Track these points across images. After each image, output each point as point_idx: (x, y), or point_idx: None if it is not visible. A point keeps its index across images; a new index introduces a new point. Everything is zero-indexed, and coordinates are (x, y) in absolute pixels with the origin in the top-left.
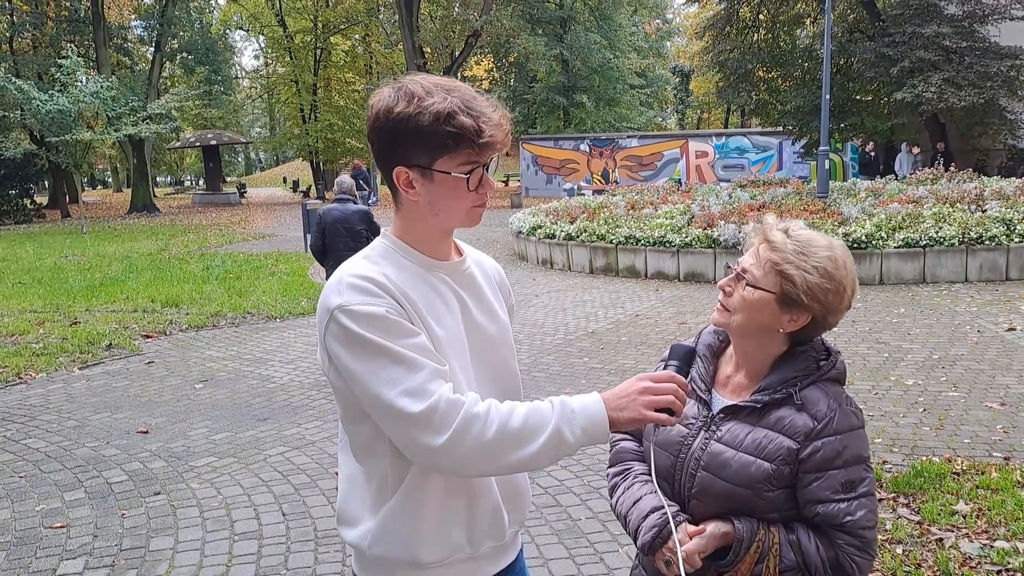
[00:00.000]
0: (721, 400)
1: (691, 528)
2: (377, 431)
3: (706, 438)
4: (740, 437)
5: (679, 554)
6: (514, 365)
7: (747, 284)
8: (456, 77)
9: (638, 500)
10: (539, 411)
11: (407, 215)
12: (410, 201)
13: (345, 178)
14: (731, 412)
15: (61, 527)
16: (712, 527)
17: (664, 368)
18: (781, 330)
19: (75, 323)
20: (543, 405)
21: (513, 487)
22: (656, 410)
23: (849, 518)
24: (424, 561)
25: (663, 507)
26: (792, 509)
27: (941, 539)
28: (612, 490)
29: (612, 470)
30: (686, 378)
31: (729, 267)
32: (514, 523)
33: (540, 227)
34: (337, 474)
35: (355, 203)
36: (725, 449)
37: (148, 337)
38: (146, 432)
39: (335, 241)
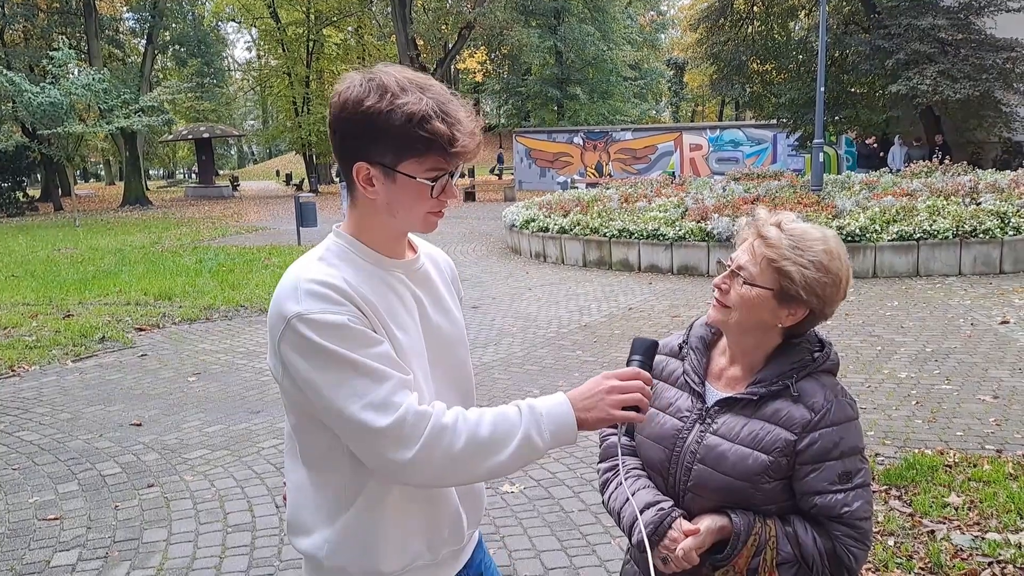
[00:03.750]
0: (716, 393)
1: (686, 525)
2: (334, 441)
3: (702, 431)
4: (736, 429)
5: (649, 558)
6: (469, 364)
7: (744, 282)
8: (449, 69)
9: (631, 495)
10: (507, 418)
11: (362, 213)
12: (367, 199)
13: None
14: (727, 404)
15: (55, 519)
16: (708, 521)
17: (628, 364)
18: (779, 325)
19: (68, 316)
20: (510, 411)
21: (469, 489)
22: (624, 408)
23: (846, 509)
24: (384, 571)
25: (658, 503)
26: (788, 501)
27: (933, 531)
28: (604, 485)
29: (603, 465)
30: (650, 372)
31: (722, 263)
32: (472, 524)
33: (533, 220)
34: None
35: None
36: (721, 442)
37: (141, 330)
38: (139, 424)
39: None
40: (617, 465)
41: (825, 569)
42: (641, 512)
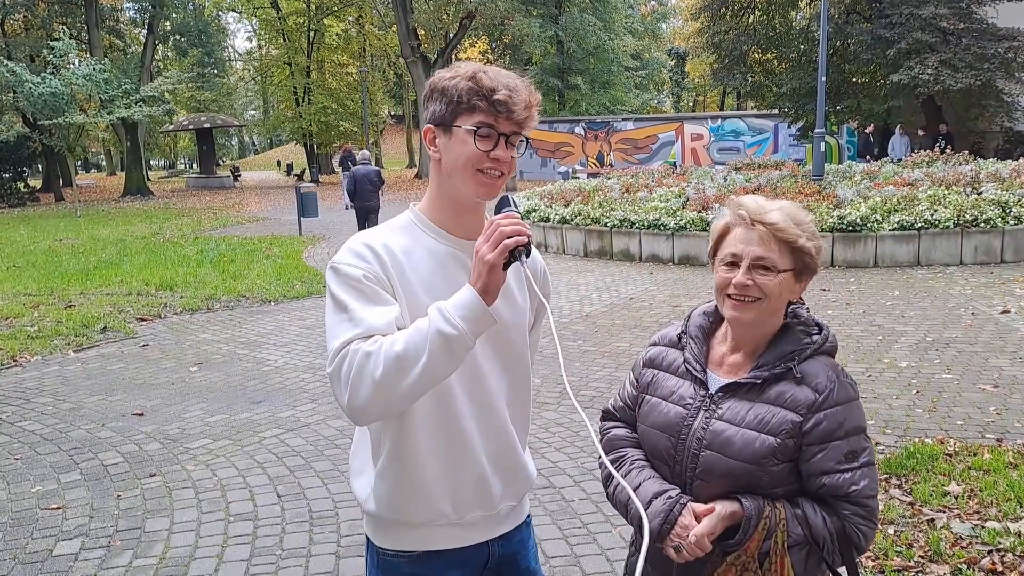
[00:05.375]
0: (718, 379)
1: (699, 508)
2: None
3: (707, 417)
4: (742, 414)
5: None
6: (523, 350)
7: (767, 270)
8: (451, 59)
9: (638, 487)
10: (417, 326)
11: (432, 183)
12: (434, 162)
13: (365, 152)
14: (730, 390)
15: (57, 508)
16: (719, 508)
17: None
18: (793, 300)
19: (70, 306)
20: (421, 320)
21: (505, 461)
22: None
23: (854, 488)
24: (409, 522)
25: (666, 492)
26: (794, 484)
27: (933, 520)
28: (607, 479)
29: (607, 459)
30: (511, 208)
31: (724, 262)
32: (509, 496)
33: (535, 210)
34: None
35: (370, 165)
36: (728, 427)
37: (143, 320)
38: (141, 414)
39: (361, 187)
40: (620, 457)
41: (835, 548)
42: (649, 502)
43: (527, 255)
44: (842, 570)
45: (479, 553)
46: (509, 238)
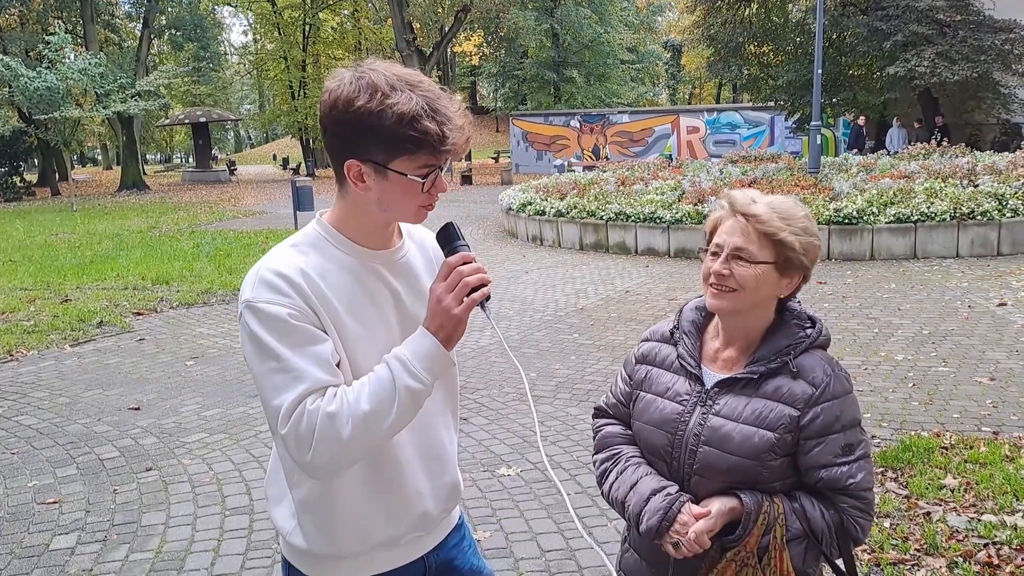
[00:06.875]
0: (713, 375)
1: (696, 508)
2: None
3: (703, 413)
4: (739, 409)
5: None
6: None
7: (746, 261)
8: (446, 53)
9: (635, 484)
10: (381, 380)
11: (350, 206)
12: (358, 193)
13: None
14: (726, 385)
15: (53, 503)
16: (718, 504)
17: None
18: (780, 295)
19: (66, 300)
20: (383, 372)
21: (442, 478)
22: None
23: (851, 480)
24: (342, 554)
25: (664, 489)
26: (792, 478)
27: (929, 513)
28: (602, 476)
29: (600, 456)
30: (456, 249)
31: (714, 251)
32: (443, 511)
33: (530, 204)
34: None
35: None
36: (725, 422)
37: (139, 314)
38: (137, 409)
39: None
40: (615, 455)
41: (833, 541)
42: (648, 499)
43: (488, 299)
44: (839, 562)
45: (416, 568)
46: (475, 289)
